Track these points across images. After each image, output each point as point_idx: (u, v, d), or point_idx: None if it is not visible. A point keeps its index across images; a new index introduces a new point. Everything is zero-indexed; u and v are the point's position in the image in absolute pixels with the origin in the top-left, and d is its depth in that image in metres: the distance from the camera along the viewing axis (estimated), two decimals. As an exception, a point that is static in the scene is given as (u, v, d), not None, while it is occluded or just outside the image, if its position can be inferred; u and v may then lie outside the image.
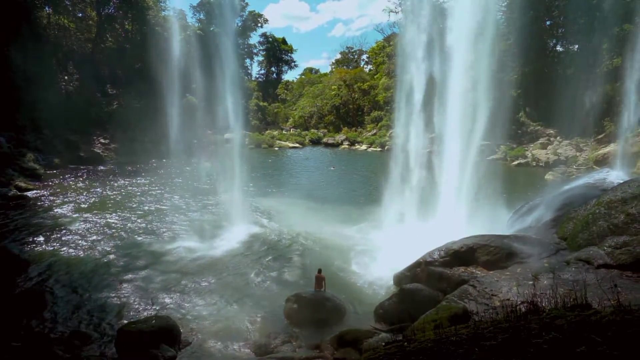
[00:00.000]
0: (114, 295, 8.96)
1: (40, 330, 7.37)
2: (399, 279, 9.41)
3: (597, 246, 7.25)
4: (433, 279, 8.50)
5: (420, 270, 8.91)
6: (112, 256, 11.36)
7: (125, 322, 7.35)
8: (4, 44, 25.51)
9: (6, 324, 7.28)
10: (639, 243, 6.58)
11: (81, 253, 11.47)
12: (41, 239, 12.34)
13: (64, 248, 11.74)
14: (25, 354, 5.92)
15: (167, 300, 8.76)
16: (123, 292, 9.14)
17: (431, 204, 13.27)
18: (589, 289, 4.93)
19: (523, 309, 3.50)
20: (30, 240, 12.20)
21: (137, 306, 8.48)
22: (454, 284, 7.93)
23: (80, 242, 12.34)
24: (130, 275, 10.05)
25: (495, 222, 12.53)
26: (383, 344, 5.22)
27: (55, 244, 12.02)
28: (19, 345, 6.38)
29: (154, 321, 6.94)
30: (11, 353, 5.84)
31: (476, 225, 11.48)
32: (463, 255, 8.61)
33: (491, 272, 7.83)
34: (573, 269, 6.66)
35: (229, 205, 16.39)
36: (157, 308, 8.40)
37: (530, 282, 6.51)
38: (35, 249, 11.56)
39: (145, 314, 8.03)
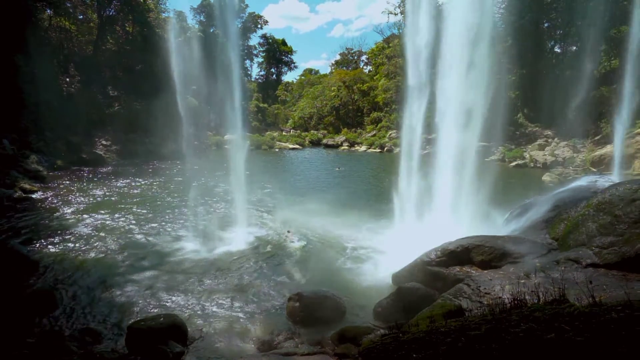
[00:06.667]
0: (121, 294, 9.27)
1: (53, 327, 7.67)
2: (397, 278, 9.72)
3: (586, 246, 7.57)
4: (430, 278, 8.81)
5: (418, 270, 9.22)
6: (117, 256, 11.67)
7: (134, 319, 7.64)
8: (11, 48, 25.79)
9: (19, 322, 7.58)
10: (624, 243, 6.91)
11: (87, 253, 11.78)
12: (48, 239, 12.66)
13: (71, 248, 12.05)
14: (41, 350, 6.21)
15: (173, 299, 9.07)
16: (130, 291, 9.44)
17: (429, 205, 13.57)
18: (574, 287, 5.26)
19: (509, 305, 3.82)
20: (38, 240, 12.50)
21: (144, 304, 8.78)
22: (449, 283, 8.24)
23: (86, 242, 12.65)
24: (136, 275, 10.36)
25: (491, 222, 12.89)
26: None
27: (62, 244, 12.33)
28: (34, 341, 6.68)
29: (162, 319, 7.23)
30: (28, 349, 6.14)
31: (473, 225, 11.82)
32: (459, 255, 8.92)
33: (485, 271, 8.15)
34: (562, 268, 6.97)
35: (231, 206, 16.72)
36: (164, 306, 8.71)
37: (522, 281, 6.83)
38: (43, 249, 11.86)
39: (152, 311, 8.33)
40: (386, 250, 12.32)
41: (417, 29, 13.83)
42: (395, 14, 55.15)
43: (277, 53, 76.09)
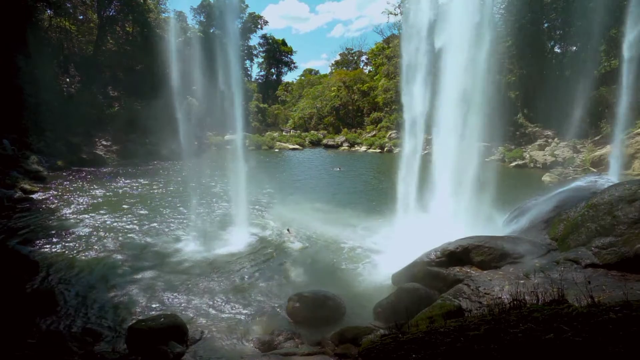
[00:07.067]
0: (121, 294, 9.28)
1: (53, 327, 7.69)
2: (397, 278, 9.73)
3: (585, 247, 7.59)
4: (429, 279, 8.83)
5: (417, 270, 9.24)
6: (118, 256, 11.68)
7: (134, 319, 7.66)
8: (11, 49, 25.81)
9: (20, 322, 7.59)
10: (623, 243, 6.92)
11: (88, 253, 11.79)
12: (49, 239, 12.67)
13: (71, 248, 12.06)
14: (42, 350, 6.22)
15: (174, 299, 9.08)
16: (130, 290, 9.45)
17: (429, 205, 13.59)
18: (574, 287, 5.27)
19: (508, 305, 3.83)
20: (38, 241, 12.52)
21: (144, 305, 8.79)
22: (449, 283, 8.26)
23: (86, 242, 12.66)
24: (136, 275, 10.37)
25: (491, 223, 12.90)
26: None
27: (62, 244, 12.35)
28: (35, 342, 6.69)
29: (162, 319, 7.24)
30: (29, 349, 6.15)
31: (473, 226, 11.83)
32: (458, 255, 8.94)
33: (485, 271, 8.16)
34: (562, 268, 6.99)
35: (231, 207, 16.73)
36: (164, 306, 8.72)
37: (521, 281, 6.85)
38: (44, 249, 11.88)
39: (153, 312, 8.35)
40: (385, 250, 12.34)
41: (411, 97, 13.92)
42: (395, 14, 55.23)
43: (277, 53, 76.14)
